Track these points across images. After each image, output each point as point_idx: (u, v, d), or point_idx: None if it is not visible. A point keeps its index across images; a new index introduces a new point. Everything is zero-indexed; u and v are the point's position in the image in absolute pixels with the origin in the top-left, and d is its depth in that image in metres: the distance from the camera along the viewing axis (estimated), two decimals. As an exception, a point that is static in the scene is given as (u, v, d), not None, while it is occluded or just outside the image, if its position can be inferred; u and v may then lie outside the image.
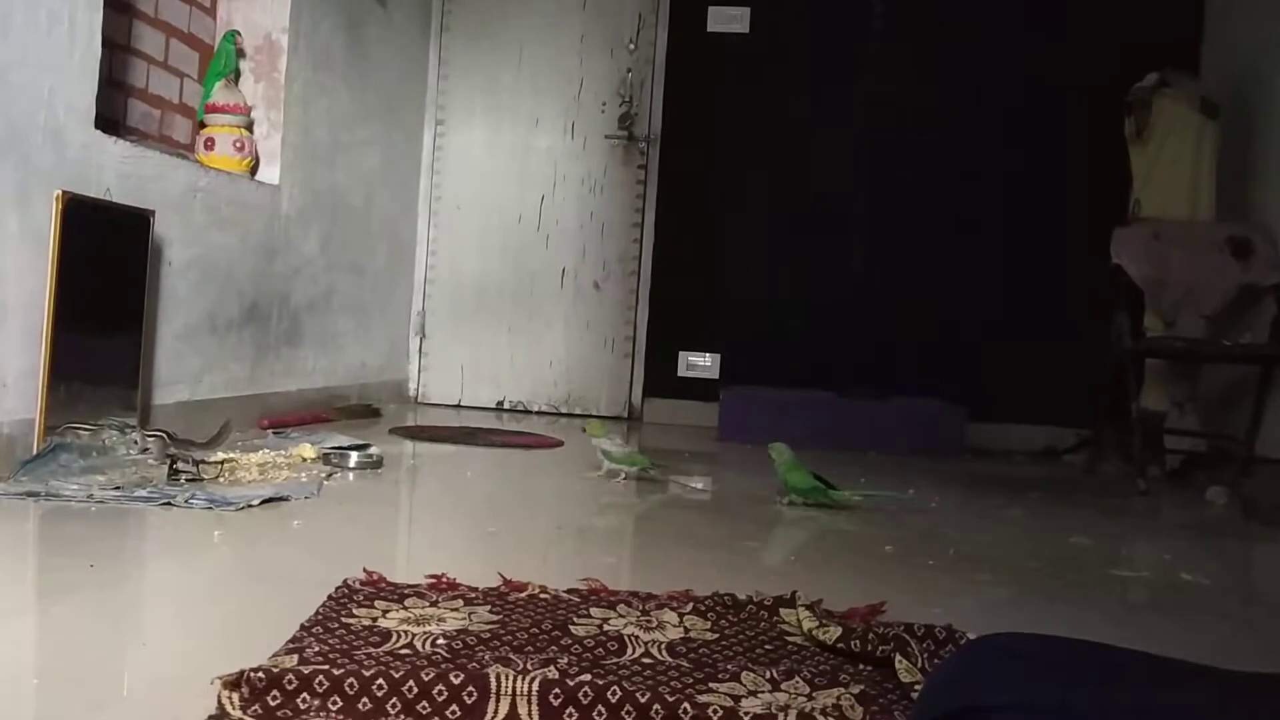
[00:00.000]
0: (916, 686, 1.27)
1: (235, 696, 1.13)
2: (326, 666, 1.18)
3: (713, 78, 5.11)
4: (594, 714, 1.15)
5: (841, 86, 5.05)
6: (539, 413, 5.12)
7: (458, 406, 5.16)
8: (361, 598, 1.56)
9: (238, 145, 3.48)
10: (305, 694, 1.14)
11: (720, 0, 5.09)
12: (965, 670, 1.13)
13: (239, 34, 3.60)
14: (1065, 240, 4.79)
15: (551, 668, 1.26)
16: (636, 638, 1.45)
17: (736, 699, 1.23)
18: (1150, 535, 2.96)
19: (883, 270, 5.01)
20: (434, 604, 1.56)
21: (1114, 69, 4.51)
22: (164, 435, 2.63)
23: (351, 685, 1.15)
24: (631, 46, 5.13)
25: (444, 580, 1.68)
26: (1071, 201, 4.81)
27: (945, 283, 4.97)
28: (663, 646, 1.42)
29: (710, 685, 1.27)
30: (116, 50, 3.15)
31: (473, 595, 1.62)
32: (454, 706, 1.14)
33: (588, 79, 5.16)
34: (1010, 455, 4.50)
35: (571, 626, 1.47)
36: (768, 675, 1.31)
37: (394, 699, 1.14)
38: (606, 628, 1.48)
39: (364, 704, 1.14)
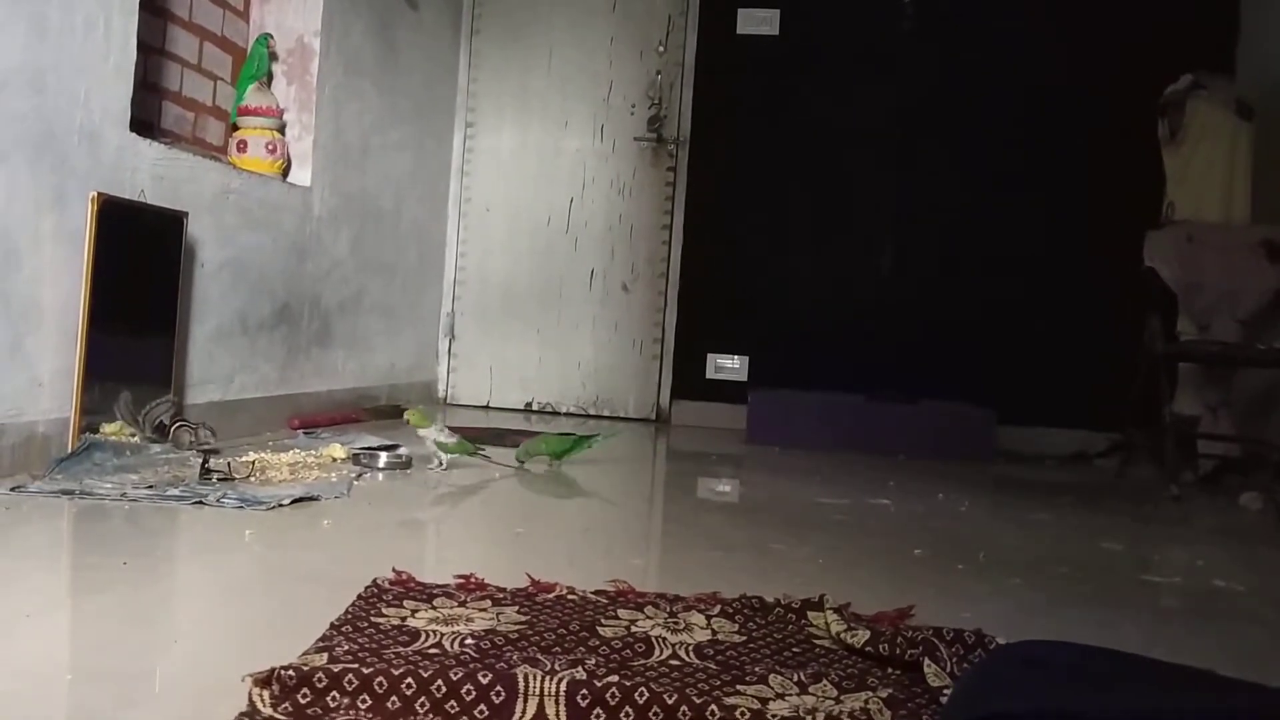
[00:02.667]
0: (945, 691, 1.27)
1: (266, 694, 1.14)
2: (356, 665, 1.19)
3: (742, 80, 5.10)
4: (621, 715, 1.15)
5: (871, 88, 5.03)
6: (567, 414, 5.13)
7: (486, 407, 5.18)
8: (390, 597, 1.57)
9: (270, 147, 3.51)
10: (335, 692, 1.15)
11: (750, 2, 5.09)
12: (984, 679, 1.13)
13: (271, 37, 3.63)
14: (1097, 243, 4.76)
15: (579, 668, 1.26)
16: (664, 639, 1.45)
17: (764, 701, 1.23)
18: (1183, 541, 2.93)
19: (912, 272, 4.99)
20: (462, 604, 1.56)
21: (1148, 70, 4.47)
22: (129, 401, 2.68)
23: (380, 684, 1.15)
24: (661, 49, 5.14)
25: (472, 580, 1.69)
26: (1104, 204, 4.77)
27: (975, 285, 4.94)
28: (690, 648, 1.42)
29: (738, 687, 1.27)
30: (151, 53, 3.18)
31: (501, 596, 1.62)
32: (482, 706, 1.15)
33: (617, 81, 5.17)
34: (1040, 459, 4.47)
35: (599, 628, 1.47)
36: (795, 678, 1.31)
37: (422, 698, 1.15)
38: (634, 629, 1.48)
39: (393, 702, 1.14)
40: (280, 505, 2.25)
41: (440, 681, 1.16)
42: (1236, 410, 4.15)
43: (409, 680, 1.16)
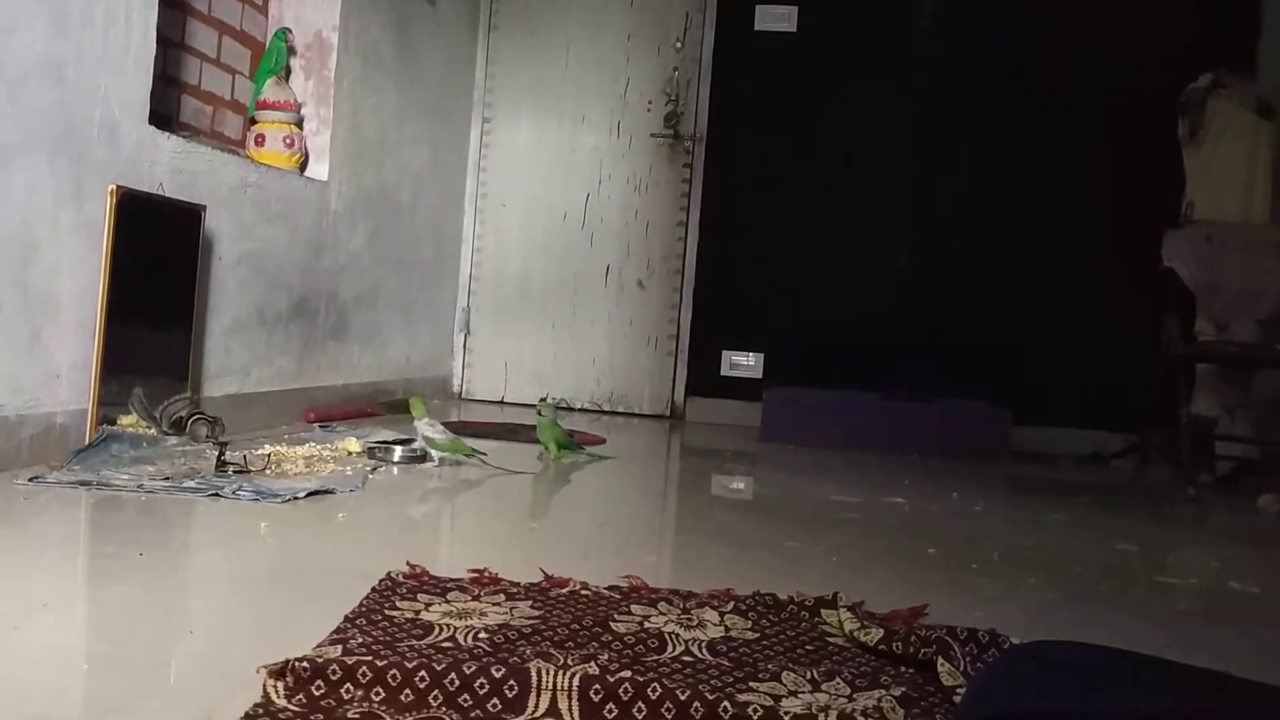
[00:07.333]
0: (958, 690, 1.26)
1: (280, 685, 1.14)
2: (370, 658, 1.19)
3: (759, 77, 5.09)
4: (634, 710, 1.15)
5: (888, 86, 5.01)
6: (582, 410, 5.13)
7: (501, 403, 5.18)
8: (405, 590, 1.57)
9: (288, 142, 3.52)
10: (349, 684, 1.15)
11: (768, -1, 5.08)
12: (998, 679, 1.13)
13: (290, 31, 3.64)
14: (1115, 243, 4.73)
15: (592, 664, 1.26)
16: (677, 635, 1.45)
17: (777, 699, 1.22)
18: (1199, 542, 2.92)
19: (928, 271, 4.97)
20: (476, 598, 1.56)
21: (1168, 69, 4.45)
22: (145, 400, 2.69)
23: (394, 676, 1.16)
24: (678, 45, 5.13)
25: (486, 575, 1.69)
26: (1123, 203, 4.75)
27: (991, 283, 4.92)
28: (703, 645, 1.42)
29: (750, 684, 1.26)
30: (170, 47, 3.19)
31: (514, 590, 1.63)
32: (495, 700, 1.15)
33: (634, 77, 5.17)
34: (1056, 459, 4.45)
35: (612, 623, 1.47)
36: (808, 675, 1.30)
37: (436, 691, 1.15)
38: (647, 625, 1.48)
39: (406, 695, 1.15)
40: (295, 498, 2.26)
41: (453, 675, 1.16)
42: (1255, 411, 4.12)
43: (422, 673, 1.16)
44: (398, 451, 2.96)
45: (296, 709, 1.11)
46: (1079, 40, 4.84)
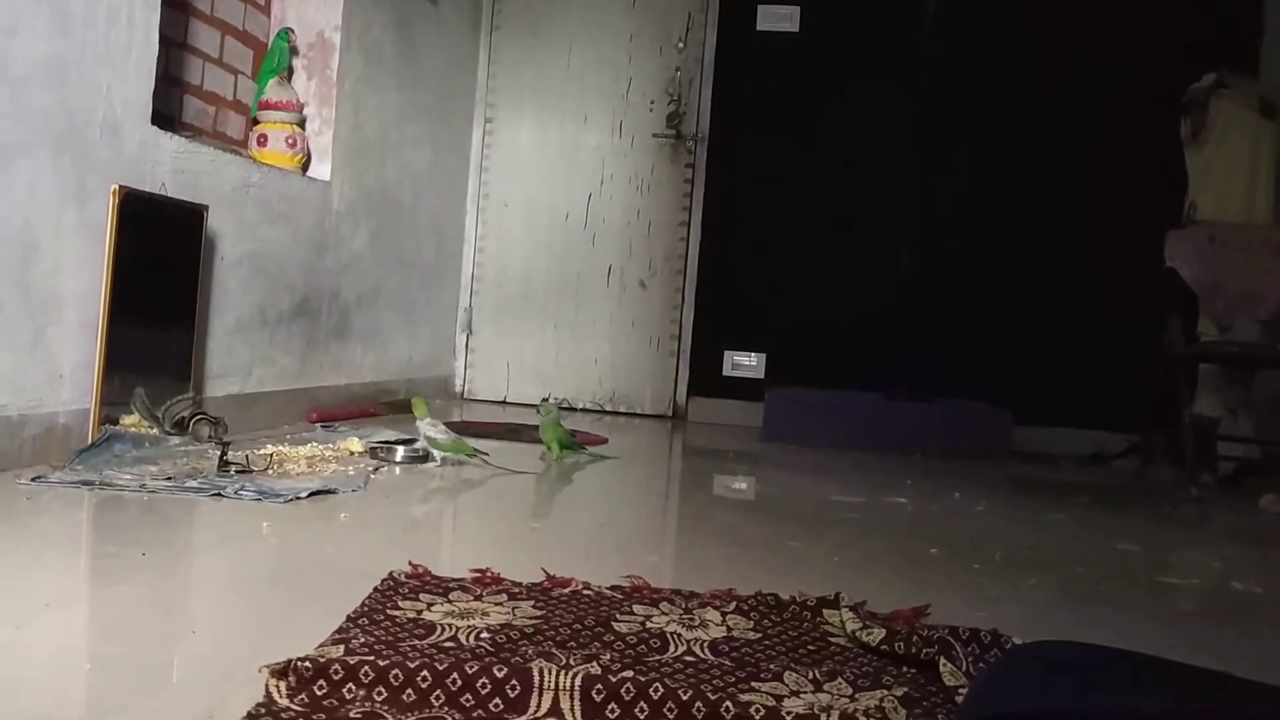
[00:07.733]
0: (961, 690, 1.26)
1: (282, 685, 1.14)
2: (372, 657, 1.20)
3: (761, 77, 5.09)
4: (636, 710, 1.15)
5: (891, 86, 5.01)
6: (584, 410, 5.13)
7: (503, 403, 5.18)
8: (407, 590, 1.57)
9: (290, 142, 3.52)
10: (351, 684, 1.15)
11: (770, -1, 5.08)
12: (1000, 679, 1.13)
13: (292, 32, 3.64)
14: (1117, 243, 4.73)
15: (594, 664, 1.26)
16: (679, 635, 1.45)
17: (779, 699, 1.22)
18: (1201, 543, 2.92)
19: (930, 271, 4.97)
20: (478, 598, 1.57)
21: (1171, 69, 4.45)
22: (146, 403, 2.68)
23: (396, 676, 1.16)
24: (680, 45, 5.13)
25: (488, 575, 1.69)
26: (1124, 203, 4.74)
27: (993, 284, 4.92)
28: (705, 645, 1.42)
29: (753, 684, 1.26)
30: (173, 47, 3.20)
31: (516, 590, 1.63)
32: (497, 699, 1.15)
33: (636, 77, 5.17)
34: (1057, 460, 4.45)
35: (614, 623, 1.47)
36: (810, 675, 1.30)
37: (438, 690, 1.15)
38: (649, 625, 1.48)
39: (408, 695, 1.15)
40: (298, 498, 2.26)
41: (456, 675, 1.16)
42: (1257, 411, 4.12)
43: (424, 673, 1.16)
44: (400, 451, 2.96)
45: (299, 708, 1.11)
46: (1079, 40, 4.84)
